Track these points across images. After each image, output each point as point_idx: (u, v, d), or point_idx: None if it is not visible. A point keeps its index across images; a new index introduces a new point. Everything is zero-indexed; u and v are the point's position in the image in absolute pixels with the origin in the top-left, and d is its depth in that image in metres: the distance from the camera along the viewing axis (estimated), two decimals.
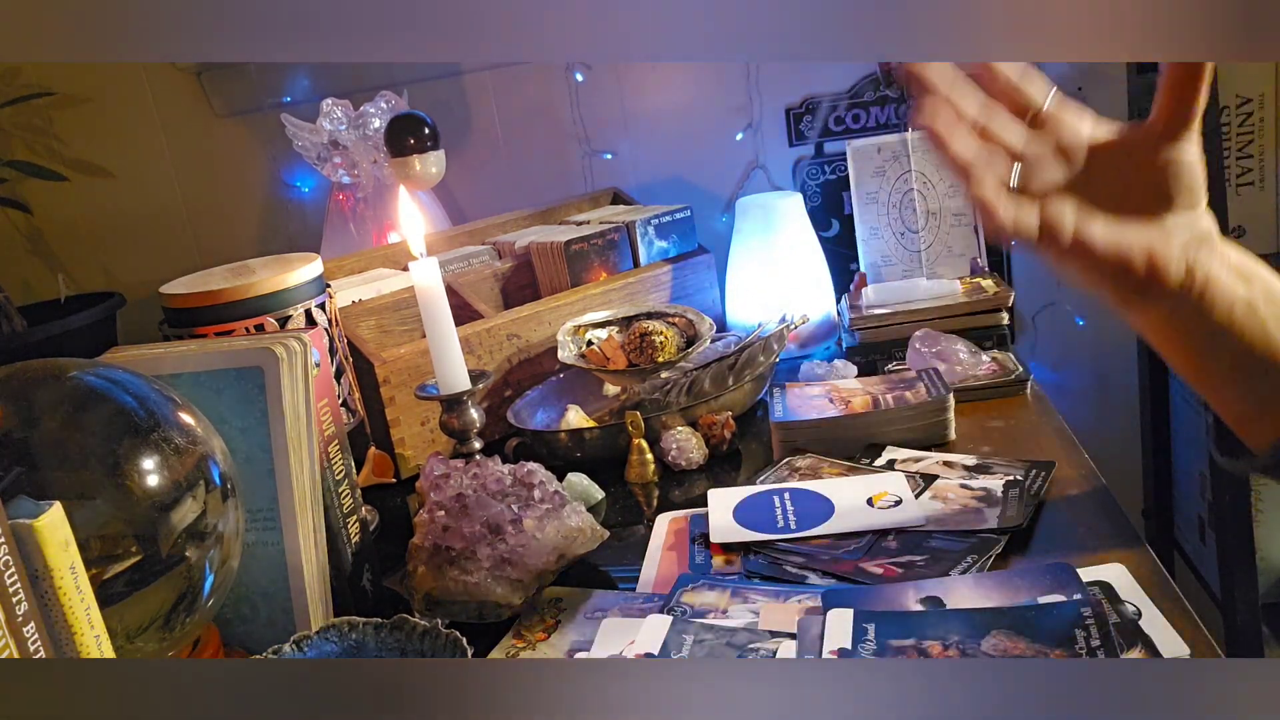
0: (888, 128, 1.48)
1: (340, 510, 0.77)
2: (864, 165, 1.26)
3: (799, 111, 1.50)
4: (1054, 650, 0.56)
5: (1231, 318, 0.57)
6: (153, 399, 0.63)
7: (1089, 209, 0.57)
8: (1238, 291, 0.57)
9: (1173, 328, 0.60)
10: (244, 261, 0.96)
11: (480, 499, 0.77)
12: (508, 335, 1.11)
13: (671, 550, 0.79)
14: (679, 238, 1.29)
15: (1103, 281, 0.58)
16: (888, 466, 0.86)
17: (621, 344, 1.10)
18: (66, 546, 0.51)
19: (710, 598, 0.69)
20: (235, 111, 1.59)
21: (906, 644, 0.58)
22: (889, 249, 1.27)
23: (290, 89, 1.56)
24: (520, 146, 1.56)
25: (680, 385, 0.99)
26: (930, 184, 1.25)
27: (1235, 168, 1.28)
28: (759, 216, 1.22)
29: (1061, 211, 0.56)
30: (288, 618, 0.70)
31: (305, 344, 0.72)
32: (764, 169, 1.53)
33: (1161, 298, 0.57)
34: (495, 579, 0.71)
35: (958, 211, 1.25)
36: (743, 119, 1.51)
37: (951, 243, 1.25)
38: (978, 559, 0.69)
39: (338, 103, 1.38)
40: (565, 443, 0.98)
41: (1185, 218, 0.57)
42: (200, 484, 0.62)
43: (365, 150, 1.38)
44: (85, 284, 1.63)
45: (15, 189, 1.59)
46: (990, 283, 1.17)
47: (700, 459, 0.96)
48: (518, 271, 1.26)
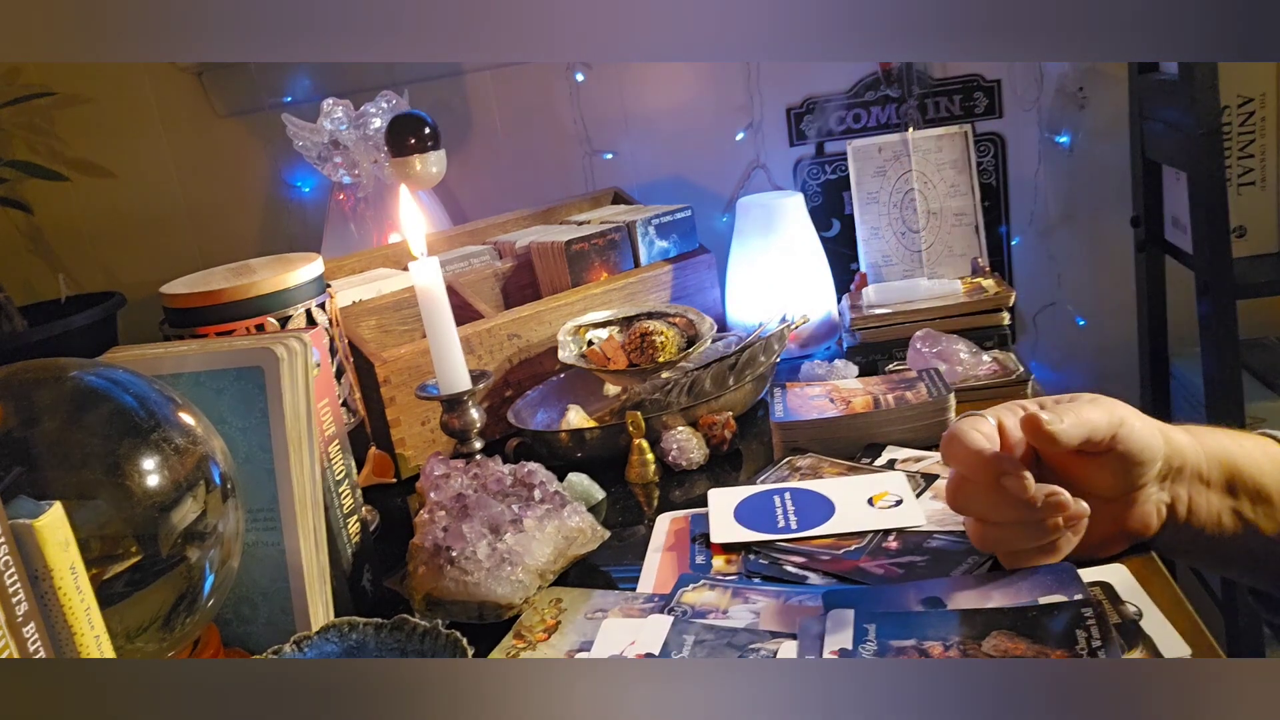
0: (888, 127, 1.48)
1: (340, 510, 0.77)
2: (865, 165, 1.26)
3: (800, 111, 1.50)
4: (1055, 651, 0.56)
5: (1220, 524, 0.64)
6: (153, 399, 0.63)
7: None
8: (1216, 503, 0.64)
9: (1176, 551, 0.67)
10: (244, 261, 0.96)
11: (480, 499, 0.77)
12: (508, 335, 1.11)
13: (672, 550, 0.79)
14: (679, 237, 1.29)
15: (1097, 552, 0.65)
16: (888, 466, 0.86)
17: (622, 344, 1.10)
18: (66, 546, 0.51)
19: (711, 598, 0.69)
20: (236, 111, 1.59)
21: (907, 644, 0.58)
22: (890, 249, 1.27)
23: (291, 88, 1.56)
24: (521, 146, 1.56)
25: (681, 385, 0.99)
26: (931, 184, 1.25)
27: (1236, 167, 1.28)
28: (760, 216, 1.22)
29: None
30: (288, 618, 0.70)
31: (306, 344, 0.72)
32: (765, 169, 1.53)
33: (1154, 539, 0.65)
34: (495, 579, 0.71)
35: (958, 211, 1.25)
36: (743, 119, 1.51)
37: (952, 242, 1.25)
38: (979, 559, 0.68)
39: (338, 102, 1.38)
40: (566, 443, 0.98)
41: (1150, 478, 0.62)
42: (200, 484, 0.62)
43: (366, 150, 1.38)
44: (86, 284, 1.63)
45: (16, 189, 1.59)
46: (991, 283, 1.17)
47: (701, 459, 0.96)
48: (518, 271, 1.26)
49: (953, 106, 1.47)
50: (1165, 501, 0.63)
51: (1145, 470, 0.61)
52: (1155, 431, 0.62)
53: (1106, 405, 0.61)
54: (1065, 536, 0.62)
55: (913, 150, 1.25)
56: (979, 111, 1.47)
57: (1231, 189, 1.26)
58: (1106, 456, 0.61)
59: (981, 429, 0.62)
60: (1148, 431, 0.61)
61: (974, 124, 1.43)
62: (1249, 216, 1.30)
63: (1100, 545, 0.65)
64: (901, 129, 1.29)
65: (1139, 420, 0.61)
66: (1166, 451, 0.62)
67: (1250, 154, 1.28)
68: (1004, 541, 0.64)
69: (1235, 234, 1.28)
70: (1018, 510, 0.61)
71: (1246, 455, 0.64)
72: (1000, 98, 1.46)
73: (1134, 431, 0.61)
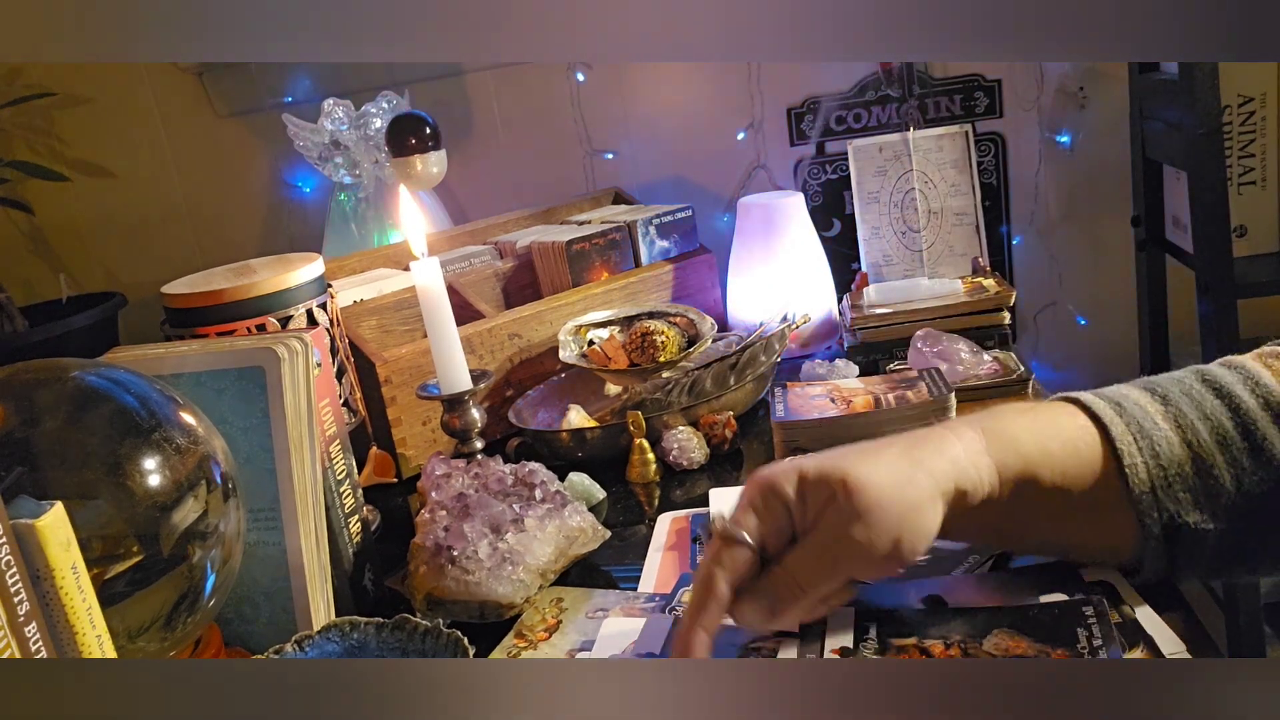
0: (889, 127, 1.48)
1: (342, 510, 0.77)
2: (865, 165, 1.26)
3: (800, 111, 1.50)
4: (1056, 650, 0.56)
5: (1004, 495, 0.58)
6: (154, 399, 0.63)
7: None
8: (997, 474, 0.58)
9: (985, 534, 0.63)
10: (245, 261, 0.96)
11: (481, 499, 0.77)
12: (509, 335, 1.11)
13: (673, 550, 0.79)
14: (680, 237, 1.29)
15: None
16: None
17: (623, 344, 1.10)
18: (68, 546, 0.51)
19: None
20: (236, 111, 1.59)
21: (908, 643, 0.58)
22: (890, 248, 1.27)
23: (291, 89, 1.56)
24: (522, 146, 1.56)
25: (681, 385, 0.99)
26: (932, 183, 1.25)
27: (1237, 167, 1.28)
28: (760, 216, 1.22)
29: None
30: (289, 617, 0.70)
31: (307, 344, 0.72)
32: (765, 168, 1.53)
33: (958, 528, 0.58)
34: (496, 579, 0.71)
35: (959, 211, 1.25)
36: (744, 119, 1.51)
37: (953, 242, 1.25)
38: (979, 558, 0.68)
39: (339, 102, 1.38)
40: (566, 442, 0.98)
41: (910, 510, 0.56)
42: (202, 484, 0.62)
43: (367, 150, 1.38)
44: (87, 284, 1.63)
45: (17, 189, 1.59)
46: (992, 282, 1.17)
47: (701, 459, 0.96)
48: (519, 271, 1.26)
49: (953, 106, 1.47)
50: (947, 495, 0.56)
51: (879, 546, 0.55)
52: (904, 511, 0.55)
53: (835, 533, 0.55)
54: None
55: (913, 150, 1.25)
56: (979, 111, 1.47)
57: (1232, 188, 1.26)
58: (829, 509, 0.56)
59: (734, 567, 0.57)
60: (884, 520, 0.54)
61: (974, 124, 1.43)
62: (1249, 216, 1.30)
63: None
64: (902, 129, 1.29)
65: (875, 513, 0.54)
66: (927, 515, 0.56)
67: (1251, 153, 1.28)
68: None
69: (1236, 233, 1.28)
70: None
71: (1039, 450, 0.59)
72: (1001, 97, 1.46)
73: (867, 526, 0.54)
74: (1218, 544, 0.57)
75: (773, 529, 0.58)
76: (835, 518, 0.55)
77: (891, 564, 0.56)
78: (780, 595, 0.57)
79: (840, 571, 0.57)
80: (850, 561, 0.56)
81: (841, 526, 0.55)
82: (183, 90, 1.58)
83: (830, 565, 0.56)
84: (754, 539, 0.57)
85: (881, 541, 0.54)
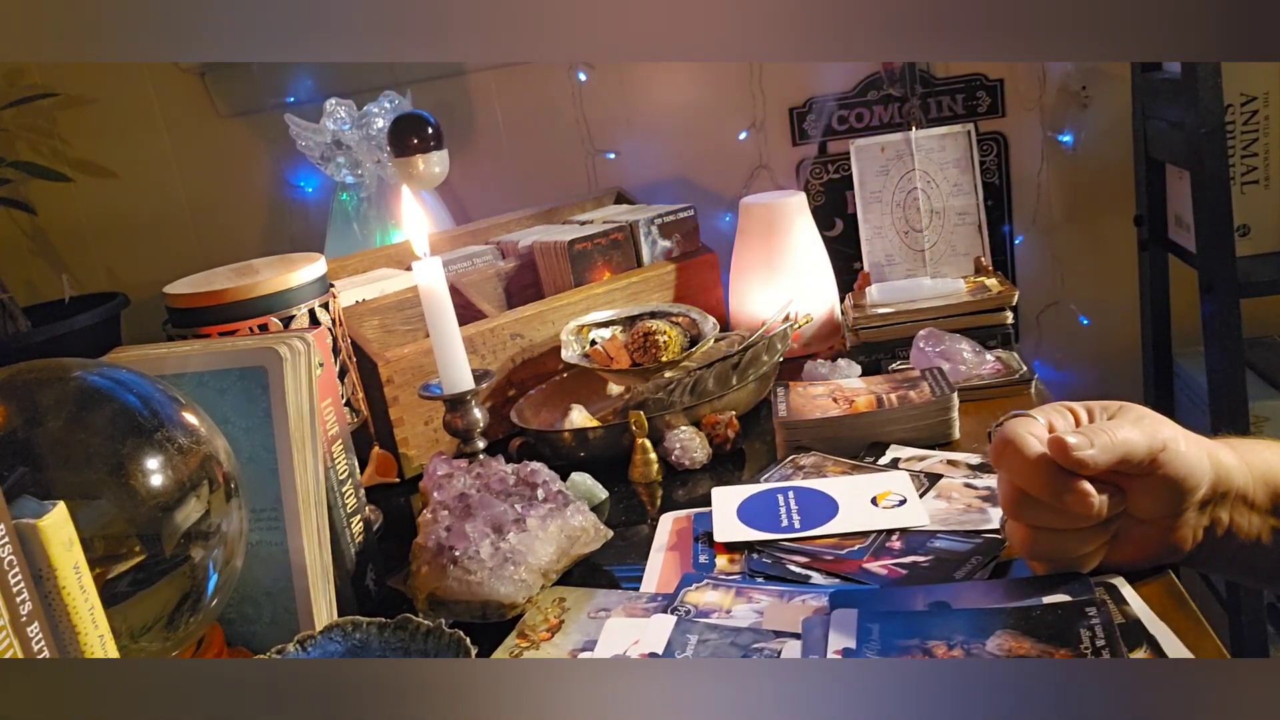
0: (891, 127, 1.48)
1: (344, 510, 0.77)
2: (867, 164, 1.26)
3: (802, 111, 1.50)
4: (1059, 650, 0.56)
5: (1258, 541, 0.61)
6: (156, 399, 0.63)
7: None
8: (1258, 523, 0.61)
9: (1204, 568, 0.66)
10: (247, 261, 0.96)
11: (483, 498, 0.77)
12: (511, 335, 1.11)
13: (675, 550, 0.79)
14: (682, 237, 1.29)
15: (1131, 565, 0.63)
16: (892, 466, 0.86)
17: (625, 343, 1.10)
18: (70, 546, 0.51)
19: (714, 597, 0.69)
20: (239, 111, 1.59)
21: (911, 644, 0.58)
22: (892, 248, 1.26)
23: (294, 89, 1.56)
24: (523, 146, 1.56)
25: (684, 385, 0.99)
26: (934, 183, 1.25)
27: (1240, 166, 1.28)
28: (762, 216, 1.22)
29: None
30: (291, 617, 0.70)
31: (309, 344, 0.72)
32: (767, 168, 1.53)
33: (1189, 557, 0.62)
34: (499, 579, 0.71)
35: (961, 210, 1.25)
36: (746, 118, 1.51)
37: (955, 242, 1.25)
38: (982, 560, 0.68)
39: (341, 102, 1.38)
40: (569, 442, 0.98)
41: (1191, 504, 0.60)
42: (204, 484, 0.62)
43: (369, 150, 1.38)
44: (89, 284, 1.63)
45: (19, 190, 1.59)
46: (994, 282, 1.17)
47: (704, 458, 0.95)
48: (521, 271, 1.26)
49: (955, 106, 1.47)
50: (1204, 525, 0.60)
51: (1188, 496, 0.58)
52: (1202, 456, 0.59)
53: (1151, 426, 0.58)
54: (1104, 548, 0.61)
55: (916, 149, 1.24)
56: (982, 111, 1.47)
57: (1235, 187, 1.26)
58: (1147, 479, 0.58)
59: (1035, 432, 0.59)
60: (1193, 456, 0.58)
61: (977, 123, 1.43)
62: (1252, 215, 1.29)
63: (1128, 564, 0.63)
64: (904, 128, 1.29)
65: (1185, 443, 0.58)
66: (1213, 476, 0.59)
67: (1253, 152, 1.28)
68: (1052, 549, 0.61)
69: (1238, 233, 1.28)
70: (1074, 521, 0.59)
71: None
72: (1003, 97, 1.46)
73: (1177, 456, 0.57)
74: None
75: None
76: (1137, 410, 0.61)
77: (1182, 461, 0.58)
78: (1102, 443, 0.57)
79: (1148, 441, 0.58)
80: (1156, 431, 0.58)
81: (1144, 412, 0.60)
82: (185, 90, 1.58)
83: (1150, 431, 0.58)
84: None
85: (1177, 437, 0.59)
